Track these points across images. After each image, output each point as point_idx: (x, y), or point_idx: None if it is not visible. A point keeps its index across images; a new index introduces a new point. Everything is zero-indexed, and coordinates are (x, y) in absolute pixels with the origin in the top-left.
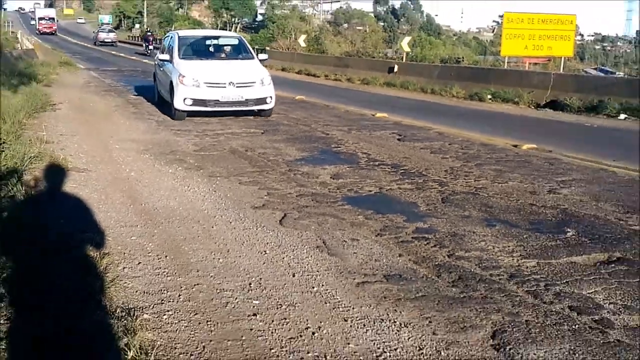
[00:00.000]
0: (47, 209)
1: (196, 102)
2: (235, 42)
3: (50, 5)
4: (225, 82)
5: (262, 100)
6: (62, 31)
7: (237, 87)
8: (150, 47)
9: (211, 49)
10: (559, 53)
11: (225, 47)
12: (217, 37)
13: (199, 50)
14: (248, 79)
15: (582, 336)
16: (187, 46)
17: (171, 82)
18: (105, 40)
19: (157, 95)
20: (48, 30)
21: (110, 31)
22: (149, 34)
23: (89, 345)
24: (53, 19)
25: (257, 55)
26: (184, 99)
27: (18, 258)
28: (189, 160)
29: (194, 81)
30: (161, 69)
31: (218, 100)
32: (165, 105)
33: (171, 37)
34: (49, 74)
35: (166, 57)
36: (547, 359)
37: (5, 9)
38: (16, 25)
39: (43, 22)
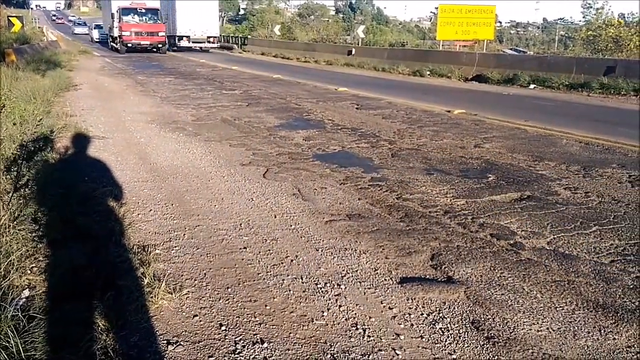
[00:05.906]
0: (74, 169)
1: None
2: None
3: (69, 6)
4: None
5: None
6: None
7: None
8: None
9: None
10: (483, 37)
11: None
12: None
13: None
14: None
15: (500, 256)
16: None
17: None
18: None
19: None
20: (147, 43)
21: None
22: None
23: (113, 275)
24: (157, 11)
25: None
26: None
27: (54, 208)
28: (188, 128)
29: None
30: None
31: None
32: None
33: None
34: (70, 61)
35: None
36: (474, 274)
37: (32, 8)
38: (41, 21)
39: (130, 20)
